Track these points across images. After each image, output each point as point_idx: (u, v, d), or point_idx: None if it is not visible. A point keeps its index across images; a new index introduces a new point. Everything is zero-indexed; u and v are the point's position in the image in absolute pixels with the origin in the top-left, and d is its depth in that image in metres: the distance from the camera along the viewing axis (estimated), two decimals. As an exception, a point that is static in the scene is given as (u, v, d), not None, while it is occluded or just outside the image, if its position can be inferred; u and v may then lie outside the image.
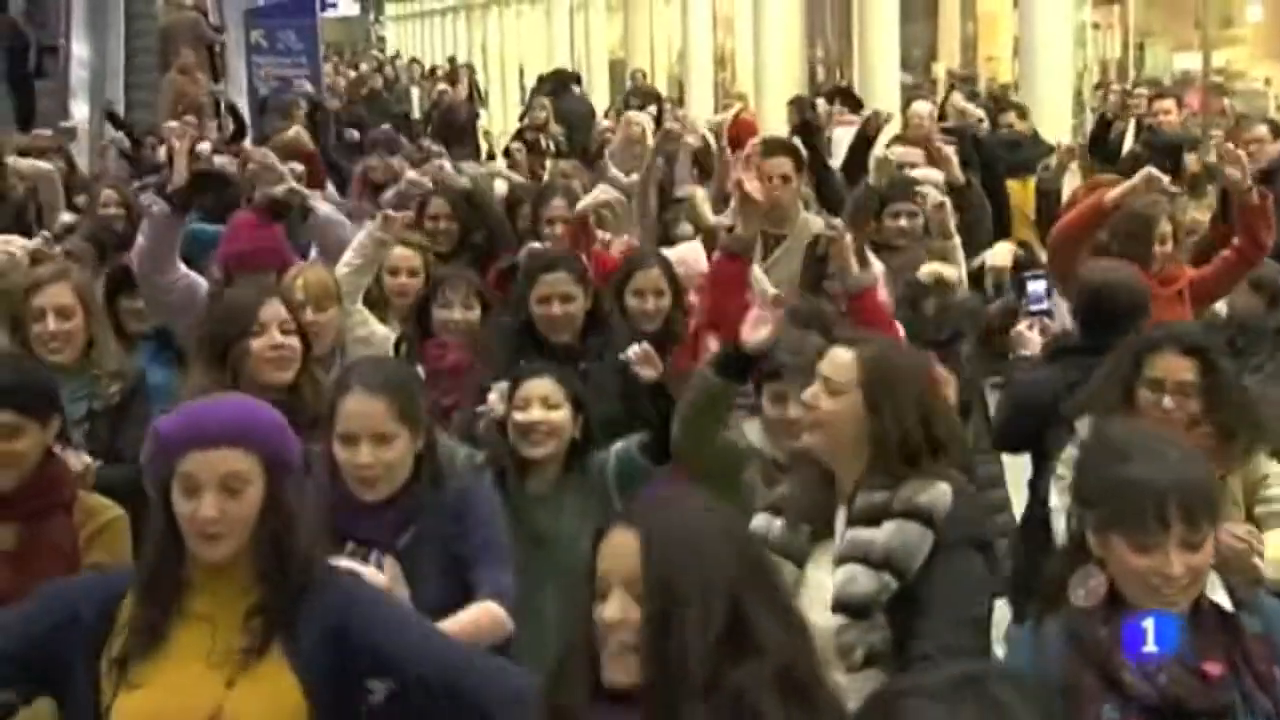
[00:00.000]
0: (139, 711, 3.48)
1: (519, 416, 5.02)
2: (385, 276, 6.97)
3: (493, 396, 5.17)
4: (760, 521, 4.37)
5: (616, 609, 2.91)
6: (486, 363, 6.06)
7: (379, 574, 4.10)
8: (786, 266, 6.92)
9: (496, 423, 5.15)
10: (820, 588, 4.24)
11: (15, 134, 17.82)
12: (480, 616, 4.24)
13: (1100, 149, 13.75)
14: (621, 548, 2.95)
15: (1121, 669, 3.41)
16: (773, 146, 8.09)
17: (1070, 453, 4.65)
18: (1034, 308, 6.78)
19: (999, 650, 4.49)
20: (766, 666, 2.90)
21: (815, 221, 7.61)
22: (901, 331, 6.03)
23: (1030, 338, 6.47)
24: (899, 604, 4.12)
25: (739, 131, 15.38)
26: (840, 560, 4.21)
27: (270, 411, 3.72)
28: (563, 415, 5.05)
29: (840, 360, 4.28)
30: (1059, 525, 4.36)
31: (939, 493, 4.18)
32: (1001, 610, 4.99)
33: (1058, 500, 4.82)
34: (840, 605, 4.15)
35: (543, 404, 5.01)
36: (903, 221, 7.73)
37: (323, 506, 4.30)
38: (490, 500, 4.67)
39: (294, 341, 5.14)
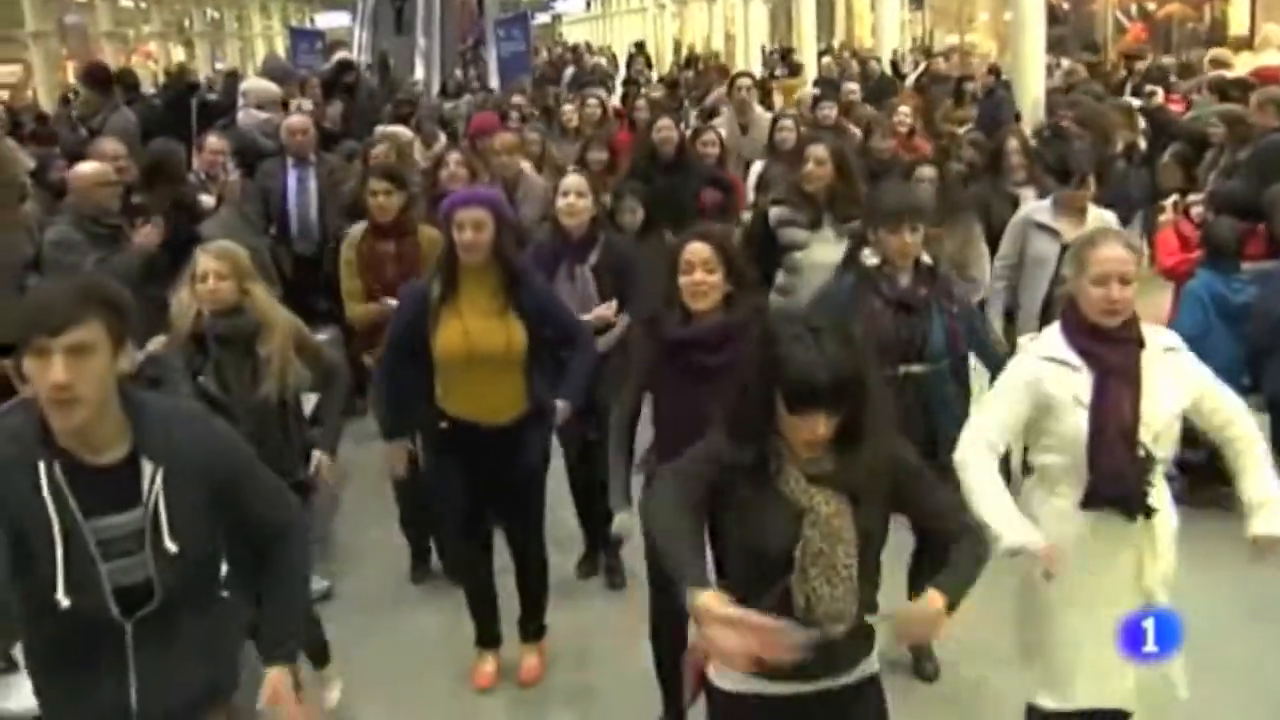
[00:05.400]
0: (444, 334, 3.40)
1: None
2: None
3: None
4: (780, 208, 4.39)
5: (702, 275, 2.83)
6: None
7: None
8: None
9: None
10: (823, 242, 4.25)
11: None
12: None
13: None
14: (701, 249, 2.84)
15: (880, 283, 3.38)
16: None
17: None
18: None
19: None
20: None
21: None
22: None
23: None
24: None
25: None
26: (841, 235, 4.19)
27: (496, 192, 3.78)
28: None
29: (820, 155, 4.30)
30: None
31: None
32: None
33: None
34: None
35: (632, 214, 4.60)
36: (825, 111, 7.23)
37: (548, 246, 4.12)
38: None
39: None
